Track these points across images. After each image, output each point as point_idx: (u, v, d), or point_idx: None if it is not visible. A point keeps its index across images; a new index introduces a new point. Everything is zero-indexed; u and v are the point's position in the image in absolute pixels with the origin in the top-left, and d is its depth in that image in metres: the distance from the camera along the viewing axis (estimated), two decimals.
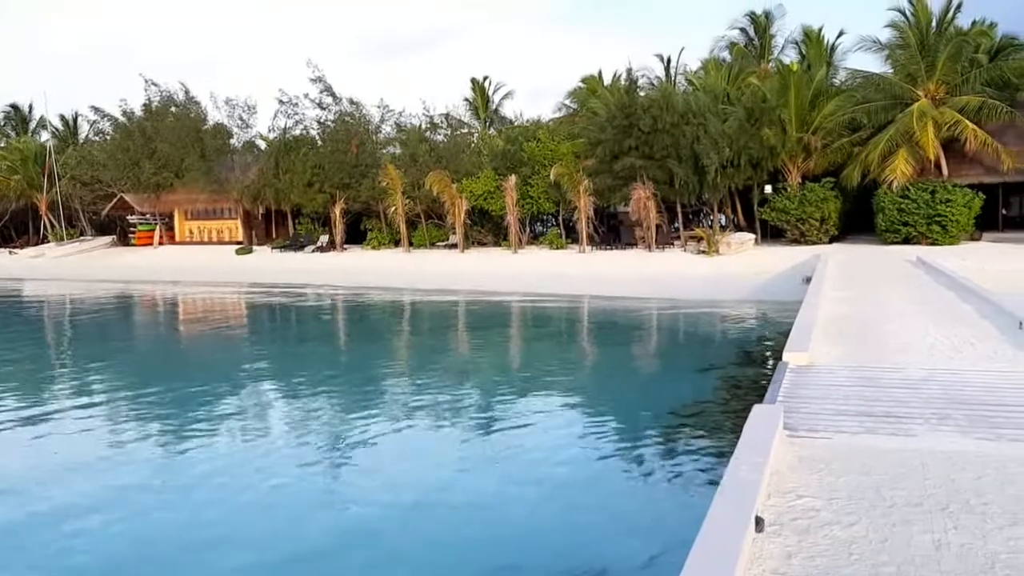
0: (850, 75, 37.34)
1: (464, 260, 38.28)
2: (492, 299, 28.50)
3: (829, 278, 19.05)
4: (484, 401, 13.61)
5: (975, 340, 10.37)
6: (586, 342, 20.99)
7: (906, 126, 30.72)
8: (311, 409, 13.11)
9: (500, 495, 8.90)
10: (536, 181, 39.08)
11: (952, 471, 5.39)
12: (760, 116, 33.68)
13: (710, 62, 43.68)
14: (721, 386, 14.02)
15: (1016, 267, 24.26)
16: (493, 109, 57.16)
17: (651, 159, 34.78)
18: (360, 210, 46.17)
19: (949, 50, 31.67)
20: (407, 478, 9.54)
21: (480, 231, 42.61)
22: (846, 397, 7.55)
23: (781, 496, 5.00)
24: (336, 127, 47.22)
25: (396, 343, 21.61)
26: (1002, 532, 4.37)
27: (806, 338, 9.95)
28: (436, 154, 43.48)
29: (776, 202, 34.09)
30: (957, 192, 30.70)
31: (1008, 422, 6.56)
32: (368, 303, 29.64)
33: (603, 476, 9.43)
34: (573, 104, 47.74)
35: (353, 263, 40.34)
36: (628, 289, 28.04)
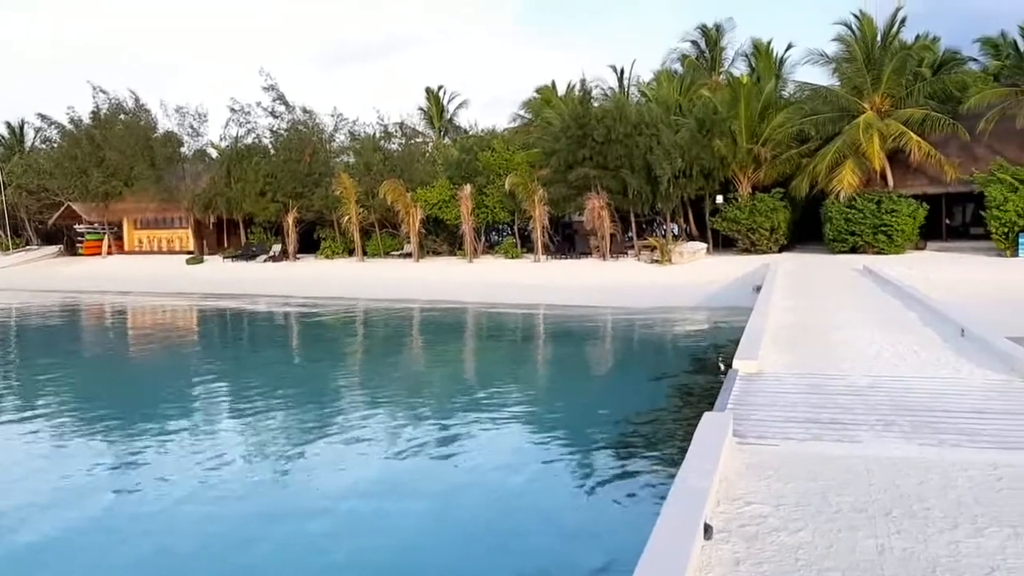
0: (798, 88, 38.11)
1: (419, 269, 38.13)
2: (447, 309, 28.44)
3: (778, 287, 19.34)
4: (435, 412, 13.55)
5: (919, 347, 10.60)
6: (540, 351, 21.03)
7: (852, 138, 31.38)
8: (259, 421, 12.92)
9: (449, 507, 8.86)
10: (491, 190, 39.11)
11: (896, 477, 5.49)
12: (711, 127, 34.16)
13: (662, 73, 44.18)
14: (674, 394, 14.15)
15: (959, 275, 24.89)
16: (448, 118, 57.17)
17: (605, 169, 35.04)
18: (313, 219, 45.78)
19: (894, 64, 32.46)
20: (350, 490, 9.45)
21: (435, 240, 42.50)
22: (794, 404, 7.66)
23: (730, 503, 5.05)
24: (289, 136, 46.91)
25: (347, 354, 21.41)
26: (943, 536, 4.46)
27: (755, 346, 10.07)
28: (390, 163, 43.35)
29: (727, 212, 34.56)
30: (902, 202, 31.43)
31: (950, 428, 6.70)
32: (321, 313, 29.35)
33: (555, 485, 9.45)
34: (528, 114, 47.90)
35: (306, 273, 39.95)
36: (583, 298, 28.16)
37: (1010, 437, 6.40)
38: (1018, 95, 30.61)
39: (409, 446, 11.16)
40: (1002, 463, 5.74)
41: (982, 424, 6.79)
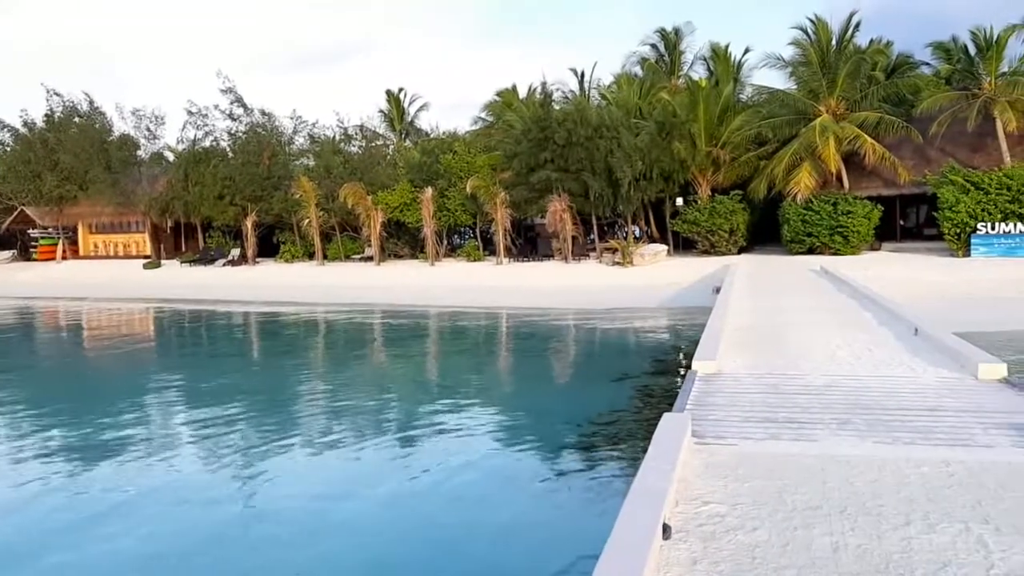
0: (756, 91, 38.64)
1: (380, 273, 37.94)
2: (408, 312, 28.33)
3: (737, 288, 19.55)
4: (397, 416, 13.47)
5: (874, 346, 10.77)
6: (503, 354, 21.02)
7: (809, 140, 31.85)
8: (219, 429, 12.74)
9: (410, 511, 8.80)
10: (453, 193, 39.06)
11: (851, 474, 5.56)
12: (671, 130, 34.49)
13: (622, 77, 44.49)
14: (635, 395, 14.20)
15: (912, 275, 25.40)
16: (409, 121, 57.03)
17: (566, 172, 35.18)
18: (273, 223, 45.40)
19: (848, 67, 33.01)
20: (315, 496, 9.35)
21: (396, 243, 42.35)
22: (752, 404, 7.73)
23: (688, 503, 5.07)
24: (247, 138, 46.46)
25: (307, 359, 21.19)
26: (896, 532, 4.53)
27: (714, 347, 10.16)
28: (351, 166, 43.16)
29: (687, 214, 34.89)
30: (857, 204, 31.97)
31: (904, 426, 6.81)
32: (280, 318, 29.05)
33: (517, 488, 9.43)
34: (489, 117, 47.96)
35: (266, 277, 39.58)
36: (545, 300, 28.21)
37: (961, 434, 6.52)
38: (969, 98, 31.29)
39: (369, 451, 11.07)
40: (953, 460, 5.84)
41: (935, 422, 6.91)
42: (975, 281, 24.23)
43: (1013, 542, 4.36)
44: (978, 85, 31.54)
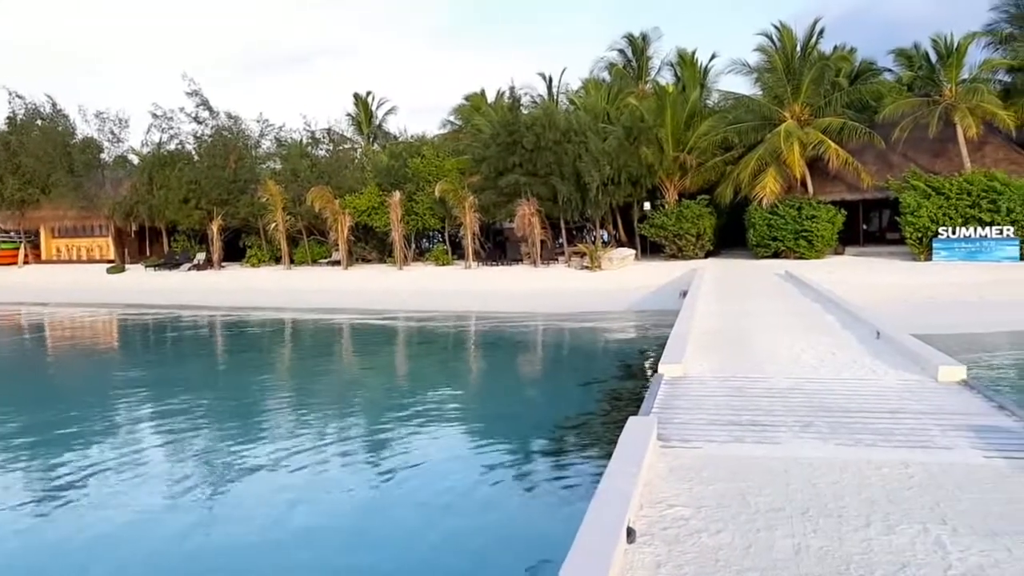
0: (722, 96, 38.97)
1: (348, 277, 37.70)
2: (376, 317, 28.18)
3: (703, 292, 19.71)
4: (365, 422, 13.41)
5: (837, 350, 10.91)
6: (472, 358, 20.99)
7: (774, 146, 32.19)
8: (182, 436, 12.59)
9: (380, 517, 8.76)
10: (421, 197, 38.95)
11: (813, 476, 5.63)
12: (638, 135, 34.68)
13: (590, 82, 44.66)
14: (603, 398, 14.25)
15: (875, 279, 25.78)
16: (377, 125, 56.73)
17: (535, 176, 35.22)
18: (239, 227, 44.95)
19: (813, 74, 33.41)
20: (279, 503, 9.27)
21: (364, 247, 42.13)
22: (717, 407, 7.80)
23: (653, 506, 5.10)
24: (213, 142, 45.99)
25: (272, 365, 21.00)
26: (857, 534, 4.59)
27: (680, 351, 10.23)
28: (318, 169, 42.87)
29: (655, 218, 35.11)
30: (821, 209, 32.37)
31: (865, 428, 6.91)
32: (246, 323, 28.77)
33: (485, 492, 9.42)
34: (458, 121, 47.92)
35: (232, 281, 39.16)
36: (514, 304, 28.21)
37: (921, 436, 6.63)
38: (930, 105, 31.81)
39: (334, 456, 11.00)
40: (913, 461, 5.94)
41: (895, 424, 7.02)
42: (936, 285, 24.63)
43: (970, 543, 4.44)
44: (939, 92, 32.08)
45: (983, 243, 29.52)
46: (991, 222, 29.48)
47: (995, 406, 7.52)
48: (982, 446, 6.29)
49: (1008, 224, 29.22)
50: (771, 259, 32.45)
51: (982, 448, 6.24)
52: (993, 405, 7.57)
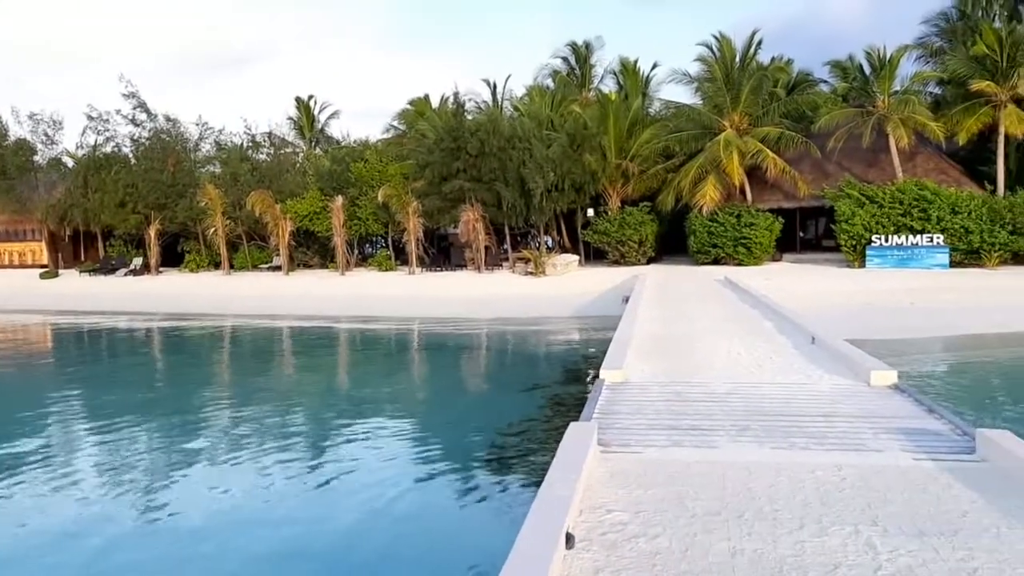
0: (664, 105, 39.54)
1: (289, 283, 37.20)
2: (317, 323, 27.85)
3: (645, 298, 19.91)
4: (303, 429, 13.22)
5: (774, 354, 11.11)
6: (414, 365, 20.87)
7: (714, 154, 32.71)
8: (116, 449, 12.27)
9: (317, 526, 8.64)
10: (364, 202, 38.68)
11: (749, 480, 5.71)
12: (582, 142, 34.93)
13: (534, 89, 44.84)
14: (545, 404, 14.30)
15: (811, 285, 26.36)
16: (319, 129, 56.20)
17: (479, 182, 35.23)
18: (177, 231, 44.07)
19: (751, 84, 34.06)
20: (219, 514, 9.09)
21: (306, 253, 41.66)
22: (657, 412, 7.87)
23: (592, 512, 5.12)
24: (151, 144, 45.07)
25: (210, 373, 20.60)
26: (791, 536, 4.66)
27: (622, 356, 10.31)
28: (258, 173, 42.32)
29: (598, 225, 35.40)
30: (760, 216, 33.00)
31: (800, 431, 7.04)
32: (183, 330, 28.19)
33: (427, 500, 9.37)
34: (401, 126, 47.67)
35: (169, 287, 38.31)
36: (458, 310, 28.16)
37: (853, 439, 6.77)
38: (864, 115, 32.66)
39: (273, 466, 10.81)
40: (846, 464, 6.07)
41: (829, 427, 7.16)
42: (870, 291, 25.28)
43: (899, 543, 4.54)
44: (872, 103, 32.96)
45: (914, 251, 30.40)
46: (922, 230, 30.39)
47: (925, 409, 7.72)
48: (912, 448, 6.45)
49: (938, 232, 30.15)
50: (711, 265, 32.96)
51: (912, 451, 6.40)
52: (923, 408, 7.77)
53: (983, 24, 32.99)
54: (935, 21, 36.43)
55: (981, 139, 32.98)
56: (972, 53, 31.65)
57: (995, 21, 34.80)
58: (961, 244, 29.98)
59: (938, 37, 36.13)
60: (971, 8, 35.55)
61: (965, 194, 30.76)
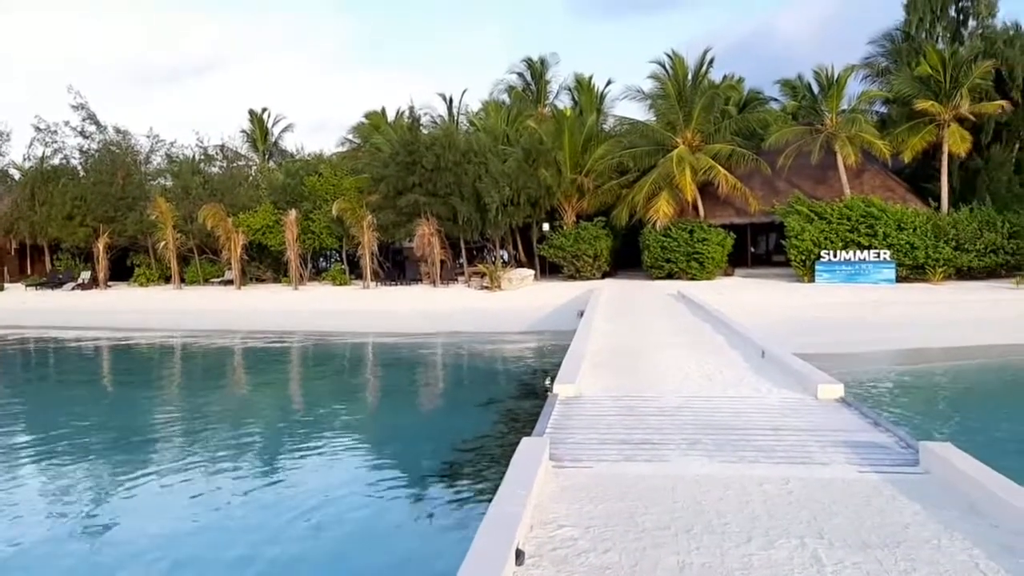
0: (618, 122, 39.95)
1: (240, 297, 36.71)
2: (269, 338, 27.49)
3: (599, 312, 20.01)
4: (253, 447, 13.01)
5: (725, 368, 11.24)
6: (367, 380, 20.71)
7: (667, 170, 33.13)
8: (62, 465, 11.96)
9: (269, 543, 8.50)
10: (318, 216, 38.40)
11: (698, 494, 5.75)
12: (537, 157, 35.14)
13: (490, 104, 45.04)
14: (499, 419, 14.27)
15: (762, 300, 26.74)
16: (272, 142, 55.74)
17: (435, 196, 35.22)
18: (127, 245, 43.34)
19: (703, 101, 34.61)
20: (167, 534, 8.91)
21: (259, 267, 41.21)
22: (609, 426, 7.90)
23: (543, 527, 5.12)
24: (100, 157, 44.37)
25: (158, 390, 20.17)
26: (739, 549, 4.71)
27: (575, 371, 10.33)
28: (210, 186, 41.83)
29: (553, 239, 35.58)
30: (712, 231, 33.46)
31: (748, 445, 7.12)
32: (130, 346, 27.64)
33: (378, 517, 9.28)
34: (357, 139, 47.53)
35: (118, 301, 37.53)
36: (413, 325, 28.04)
37: (801, 452, 6.87)
38: (813, 133, 33.36)
39: (224, 484, 10.63)
40: (793, 477, 6.15)
41: (777, 440, 7.26)
42: (819, 305, 25.72)
43: (844, 556, 4.61)
44: (821, 121, 33.68)
45: (862, 266, 31.04)
46: (869, 246, 31.06)
47: (870, 422, 7.87)
48: (857, 461, 6.56)
49: (884, 248, 30.84)
50: (665, 280, 33.29)
51: (857, 463, 6.51)
52: (868, 421, 7.91)
53: (927, 46, 33.96)
54: (881, 42, 37.44)
55: (925, 157, 33.88)
56: (916, 73, 32.55)
57: (938, 43, 35.84)
58: (907, 260, 30.70)
59: (884, 57, 37.12)
60: (915, 30, 36.56)
61: (910, 211, 31.54)
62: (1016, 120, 32.37)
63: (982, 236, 30.22)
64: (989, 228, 30.23)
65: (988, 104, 31.47)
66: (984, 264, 30.59)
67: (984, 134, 32.71)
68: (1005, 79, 32.25)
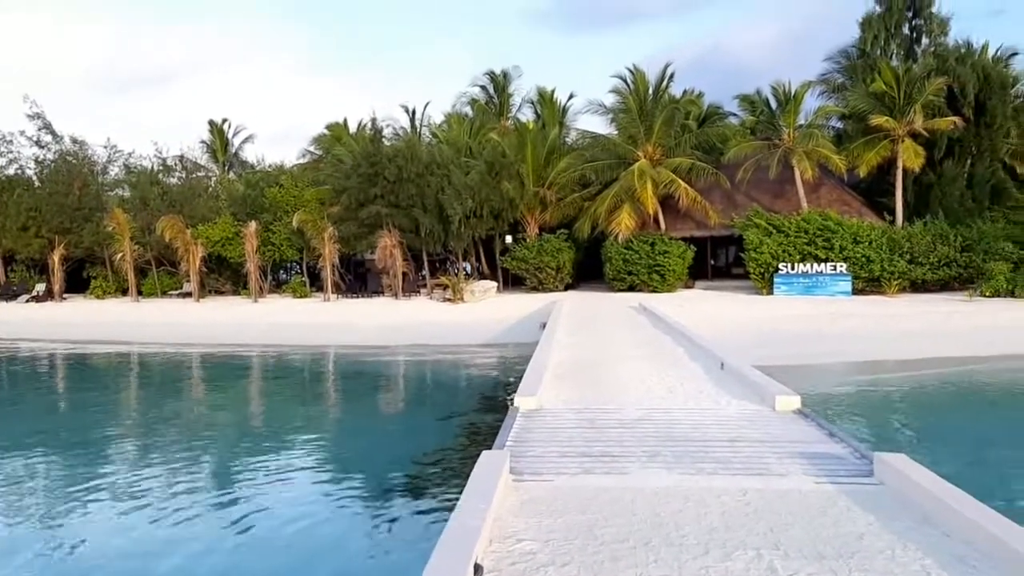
0: (580, 135, 40.20)
1: (199, 310, 36.21)
2: (228, 352, 27.13)
3: (561, 325, 20.05)
4: (213, 461, 12.83)
5: (685, 380, 11.32)
6: (328, 393, 20.52)
7: (628, 183, 33.38)
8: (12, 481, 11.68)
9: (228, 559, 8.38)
10: (278, 227, 38.10)
11: (657, 506, 5.78)
12: (500, 170, 35.22)
13: (453, 116, 45.07)
14: (462, 432, 14.23)
15: (722, 312, 27.01)
16: (233, 152, 55.18)
17: (397, 207, 35.13)
18: (83, 256, 42.60)
19: (664, 116, 34.96)
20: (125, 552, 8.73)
21: (218, 279, 40.74)
22: (570, 439, 7.90)
23: (502, 541, 5.10)
24: (56, 167, 43.64)
25: (112, 404, 19.77)
26: (696, 561, 4.73)
27: (536, 383, 10.33)
28: (169, 198, 41.31)
29: (516, 252, 35.64)
30: (673, 244, 33.76)
31: (707, 456, 7.17)
32: (85, 358, 27.13)
33: (337, 532, 9.19)
34: (318, 151, 47.25)
35: (74, 314, 36.83)
36: (375, 337, 27.85)
37: (758, 464, 6.94)
38: (770, 148, 33.86)
39: (183, 499, 10.45)
40: (751, 488, 6.20)
41: (735, 452, 7.32)
42: (777, 318, 26.04)
43: (799, 567, 4.66)
44: (779, 136, 34.19)
45: (819, 278, 31.50)
46: (826, 259, 31.55)
47: (826, 433, 7.97)
48: (813, 472, 6.64)
49: (841, 261, 31.34)
50: (627, 292, 33.49)
51: (813, 474, 6.58)
52: (824, 432, 8.01)
53: (881, 63, 34.66)
54: (837, 59, 38.19)
55: (880, 172, 34.51)
56: (871, 90, 33.21)
57: (892, 60, 36.62)
58: (863, 272, 31.22)
59: (840, 74, 37.86)
60: (870, 47, 37.36)
61: (866, 224, 32.11)
62: (968, 136, 33.14)
63: (935, 249, 30.84)
64: (942, 242, 30.87)
65: (941, 120, 32.18)
66: (938, 277, 31.22)
67: (937, 149, 33.41)
68: (957, 96, 33.00)
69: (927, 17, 37.97)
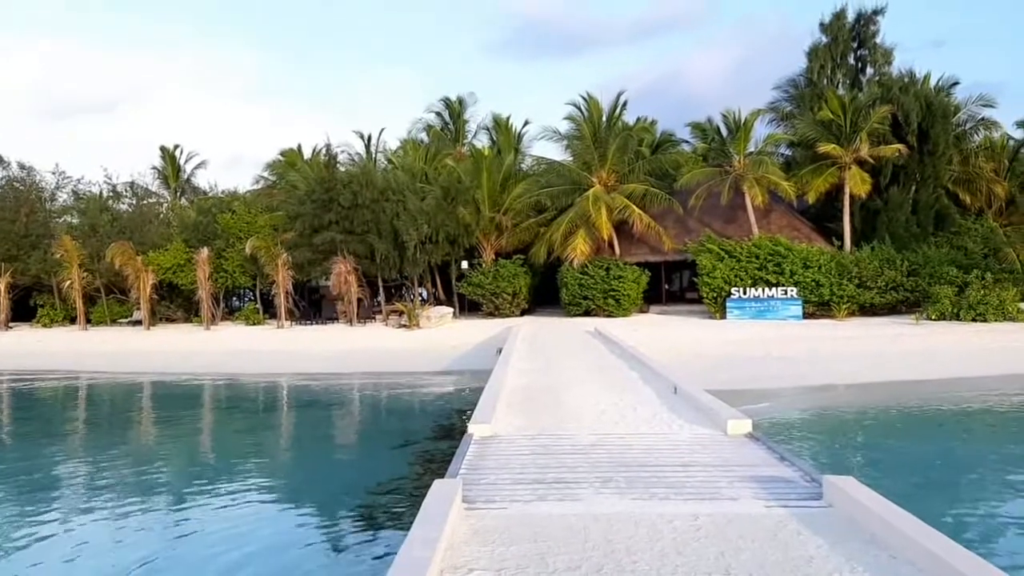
0: (536, 161, 40.59)
1: (149, 338, 35.56)
2: (177, 381, 26.59)
3: (517, 350, 20.05)
4: (159, 493, 12.52)
5: (639, 405, 11.36)
6: (280, 423, 20.19)
7: (583, 209, 33.67)
8: None
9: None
10: (231, 254, 37.67)
11: (609, 532, 5.77)
12: (456, 195, 35.31)
13: (408, 142, 45.18)
14: (416, 461, 14.10)
15: (676, 336, 27.26)
16: (185, 179, 54.57)
17: (352, 234, 34.98)
18: (30, 284, 41.65)
19: (618, 142, 35.40)
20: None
21: (169, 307, 40.12)
22: (524, 466, 7.87)
23: (453, 571, 5.05)
24: (3, 193, 42.80)
25: (58, 435, 19.22)
26: None
27: (490, 410, 10.28)
28: (119, 224, 40.69)
29: (472, 277, 35.67)
30: (627, 269, 34.07)
31: (660, 481, 7.19)
32: (29, 389, 26.40)
33: (287, 564, 9.00)
34: (272, 176, 46.93)
35: (18, 344, 35.93)
36: (329, 365, 27.55)
37: (710, 488, 6.97)
38: (722, 175, 34.42)
39: (127, 533, 10.19)
40: (702, 513, 6.23)
41: (687, 477, 7.35)
42: (730, 342, 26.35)
43: None
44: (730, 163, 34.80)
45: (770, 303, 31.99)
46: (777, 283, 32.07)
47: (777, 457, 8.04)
48: (764, 496, 6.69)
49: (791, 285, 31.88)
50: (583, 316, 33.66)
51: (764, 498, 6.63)
52: (775, 456, 8.09)
53: (828, 91, 35.57)
54: (785, 87, 39.07)
55: (828, 198, 35.27)
56: (819, 118, 34.01)
57: (839, 88, 37.57)
58: (813, 296, 31.77)
59: (788, 102, 38.72)
60: (817, 76, 38.29)
61: (815, 249, 32.73)
62: (912, 163, 34.04)
63: (883, 274, 31.52)
64: (889, 266, 31.57)
65: (886, 148, 33.03)
66: (886, 301, 31.88)
67: (883, 176, 34.25)
68: (901, 124, 33.92)
69: (872, 47, 39.09)
